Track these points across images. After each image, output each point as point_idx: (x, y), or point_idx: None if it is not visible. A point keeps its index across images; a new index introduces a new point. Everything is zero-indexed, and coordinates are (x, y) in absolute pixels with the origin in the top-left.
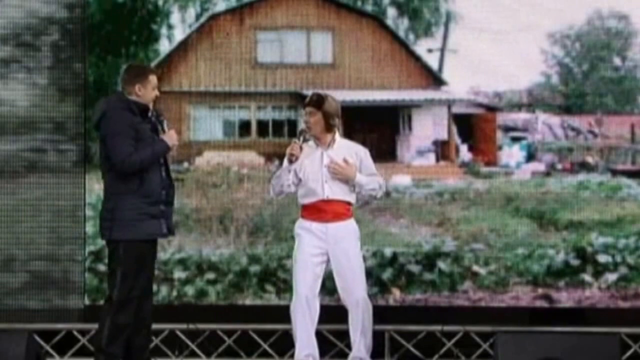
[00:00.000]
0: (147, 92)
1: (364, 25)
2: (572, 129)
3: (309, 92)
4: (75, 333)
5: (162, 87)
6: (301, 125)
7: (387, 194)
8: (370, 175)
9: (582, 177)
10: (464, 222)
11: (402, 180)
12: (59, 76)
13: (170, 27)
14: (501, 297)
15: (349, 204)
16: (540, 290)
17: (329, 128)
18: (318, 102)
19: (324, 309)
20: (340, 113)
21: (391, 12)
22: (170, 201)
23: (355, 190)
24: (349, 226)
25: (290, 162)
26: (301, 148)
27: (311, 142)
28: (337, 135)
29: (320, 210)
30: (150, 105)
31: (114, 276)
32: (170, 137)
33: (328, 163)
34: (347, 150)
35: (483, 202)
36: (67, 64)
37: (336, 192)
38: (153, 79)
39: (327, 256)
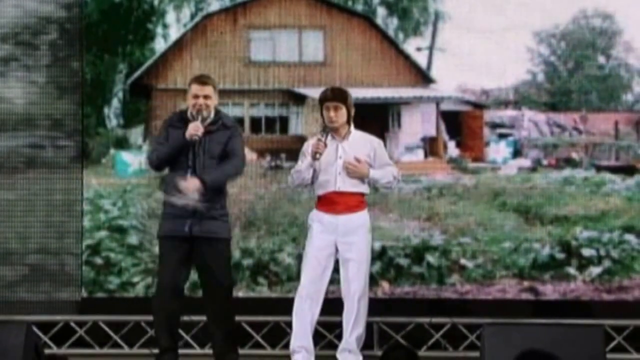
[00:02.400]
0: (188, 99)
1: (354, 24)
2: (558, 126)
3: (300, 90)
4: (73, 325)
5: (157, 85)
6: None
7: (377, 188)
8: (384, 166)
9: (567, 172)
10: (451, 216)
11: None
12: (57, 74)
13: (165, 26)
14: (488, 290)
15: (362, 195)
16: (526, 283)
17: (348, 121)
18: (343, 96)
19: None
20: None
21: (381, 11)
22: (209, 203)
23: (371, 184)
24: (360, 218)
25: (315, 159)
26: (325, 145)
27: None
28: (352, 127)
29: (333, 202)
30: (205, 114)
31: None
32: (190, 127)
33: (343, 160)
34: (362, 142)
35: (470, 197)
36: (64, 62)
37: (349, 184)
38: (193, 87)
39: (337, 247)
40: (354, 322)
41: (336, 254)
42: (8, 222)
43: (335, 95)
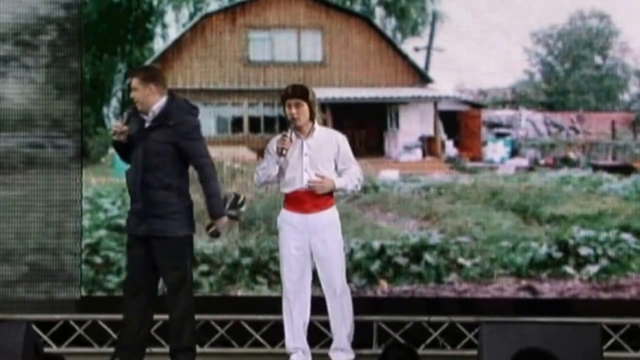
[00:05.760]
0: None
1: (352, 24)
2: (555, 126)
3: None
4: (72, 323)
5: None
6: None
7: (376, 188)
8: (346, 169)
9: (564, 172)
10: (449, 215)
11: (389, 175)
12: (56, 74)
13: (164, 26)
14: (486, 289)
15: (329, 193)
16: (523, 282)
17: (311, 117)
18: (304, 92)
19: (313, 300)
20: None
21: (379, 11)
22: (150, 202)
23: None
24: (329, 216)
25: (281, 154)
26: (291, 140)
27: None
28: (316, 124)
29: (300, 201)
30: (139, 106)
31: None
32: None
33: (309, 157)
34: (326, 138)
35: (468, 197)
36: (64, 62)
37: None
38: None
39: (310, 246)
40: (341, 320)
41: (311, 253)
42: (8, 221)
43: (296, 92)
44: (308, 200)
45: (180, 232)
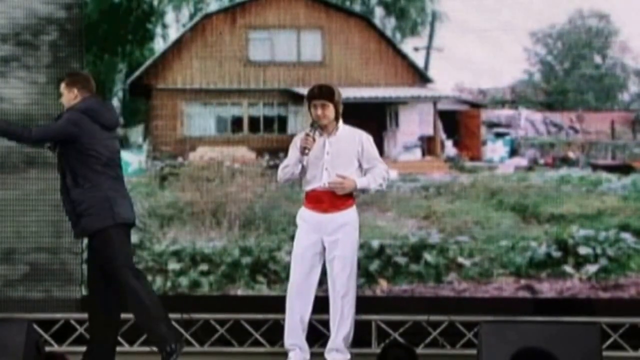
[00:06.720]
0: None
1: (352, 24)
2: (554, 125)
3: (299, 90)
4: (73, 322)
5: (157, 85)
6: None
7: None
8: (372, 164)
9: (563, 171)
10: (449, 215)
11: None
12: (57, 74)
13: (164, 26)
14: (485, 288)
15: (349, 193)
16: (522, 281)
17: (336, 117)
18: (330, 93)
19: (316, 299)
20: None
21: (379, 11)
22: (68, 209)
23: (362, 192)
24: (346, 216)
25: (304, 154)
26: (314, 139)
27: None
28: (340, 123)
29: (319, 200)
30: None
31: None
32: None
33: (330, 155)
34: (349, 137)
35: (467, 196)
36: (65, 62)
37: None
38: None
39: (324, 245)
40: (339, 321)
41: (324, 252)
42: (8, 220)
43: (323, 93)
44: (326, 200)
45: (97, 226)
